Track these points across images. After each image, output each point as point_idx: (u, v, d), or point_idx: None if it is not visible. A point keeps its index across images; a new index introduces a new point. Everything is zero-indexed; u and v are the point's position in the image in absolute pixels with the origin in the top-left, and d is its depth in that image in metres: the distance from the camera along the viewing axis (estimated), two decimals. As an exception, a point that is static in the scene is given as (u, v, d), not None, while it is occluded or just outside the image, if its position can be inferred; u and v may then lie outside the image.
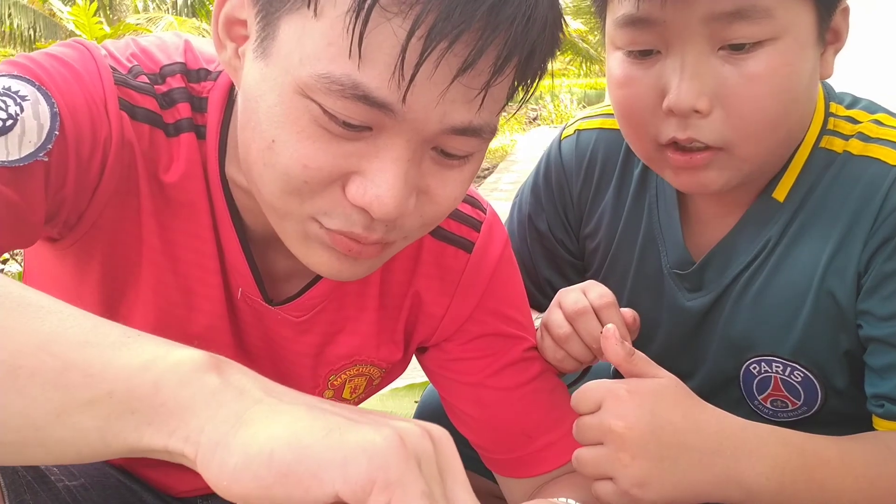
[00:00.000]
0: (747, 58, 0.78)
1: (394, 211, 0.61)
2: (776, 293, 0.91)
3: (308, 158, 0.60)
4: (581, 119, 1.12)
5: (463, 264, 0.85)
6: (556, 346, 0.88)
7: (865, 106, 0.93)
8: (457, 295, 0.86)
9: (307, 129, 0.60)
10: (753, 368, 0.96)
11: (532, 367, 0.90)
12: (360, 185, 0.61)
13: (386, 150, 0.60)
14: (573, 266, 1.13)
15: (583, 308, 0.87)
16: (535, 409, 0.89)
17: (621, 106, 0.88)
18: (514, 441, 0.89)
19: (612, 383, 0.76)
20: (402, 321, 0.87)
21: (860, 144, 0.88)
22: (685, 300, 0.99)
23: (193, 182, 0.72)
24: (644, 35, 0.82)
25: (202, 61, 0.75)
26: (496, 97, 0.63)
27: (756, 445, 0.76)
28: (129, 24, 14.07)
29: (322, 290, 0.81)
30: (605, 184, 1.06)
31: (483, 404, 0.89)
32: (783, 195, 0.91)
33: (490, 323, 0.88)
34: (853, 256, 0.86)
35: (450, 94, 0.58)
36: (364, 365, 0.87)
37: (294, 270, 0.80)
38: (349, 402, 0.92)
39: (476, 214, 0.87)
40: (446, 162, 0.65)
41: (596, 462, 0.75)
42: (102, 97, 0.67)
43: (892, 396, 0.84)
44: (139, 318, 0.76)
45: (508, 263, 0.90)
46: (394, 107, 0.58)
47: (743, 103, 0.80)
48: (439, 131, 0.61)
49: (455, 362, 0.89)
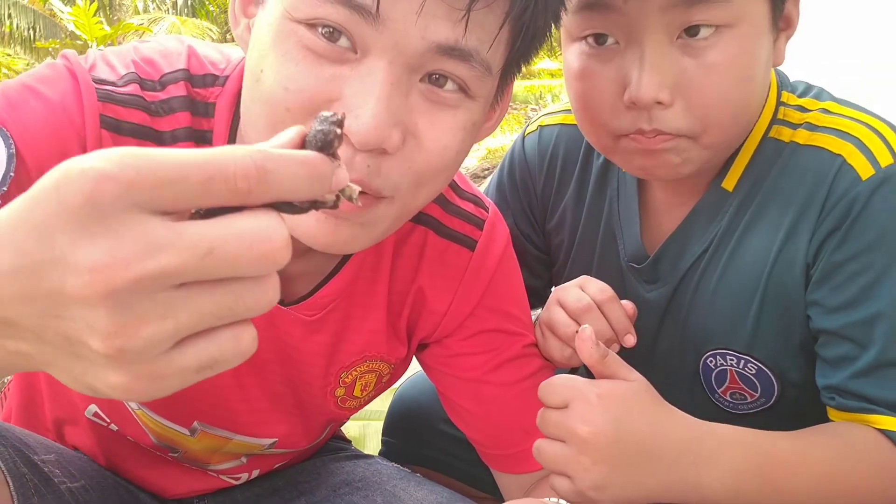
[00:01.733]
0: (706, 47, 0.79)
1: (374, 132, 0.58)
2: (729, 285, 0.92)
3: (289, 80, 0.60)
4: (544, 115, 1.13)
5: (466, 262, 0.86)
6: (564, 344, 0.89)
7: (816, 94, 0.93)
8: (459, 292, 0.86)
9: (291, 52, 0.60)
10: (710, 362, 0.97)
11: (531, 364, 0.91)
12: (339, 108, 0.60)
13: (369, 73, 0.60)
14: (540, 261, 1.14)
15: (587, 305, 0.87)
16: (534, 404, 0.89)
17: (580, 99, 0.88)
18: (512, 437, 0.90)
19: (583, 384, 0.76)
20: (405, 317, 0.87)
21: (807, 134, 0.88)
22: (645, 292, 0.99)
23: None
24: (600, 21, 0.82)
25: (208, 66, 0.75)
26: (485, 26, 0.62)
27: (716, 451, 0.76)
28: (130, 25, 14.08)
29: (334, 288, 0.81)
30: (566, 179, 1.07)
31: (481, 400, 0.90)
32: (732, 185, 0.91)
33: (491, 319, 0.88)
34: (801, 247, 0.86)
35: (430, 8, 0.59)
36: (374, 361, 0.88)
37: (305, 270, 0.80)
38: (360, 400, 0.93)
39: (479, 213, 0.88)
40: (437, 96, 0.63)
41: (556, 459, 0.76)
42: (79, 123, 0.67)
43: (842, 388, 0.84)
44: None
45: (510, 261, 0.91)
46: (370, 8, 0.58)
47: (704, 93, 0.80)
48: (423, 49, 0.60)
49: (454, 358, 0.90)
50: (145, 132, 0.70)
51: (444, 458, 1.17)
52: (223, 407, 0.86)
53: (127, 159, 0.34)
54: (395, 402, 1.29)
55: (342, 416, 0.96)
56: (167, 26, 14.17)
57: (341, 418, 0.99)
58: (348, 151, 0.60)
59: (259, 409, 0.87)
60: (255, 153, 0.36)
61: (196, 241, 0.34)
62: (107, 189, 0.33)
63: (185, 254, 0.34)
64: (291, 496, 1.02)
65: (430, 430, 1.19)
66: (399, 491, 0.99)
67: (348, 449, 1.14)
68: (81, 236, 0.34)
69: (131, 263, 0.34)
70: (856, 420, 0.84)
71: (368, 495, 0.99)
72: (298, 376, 0.86)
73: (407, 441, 1.23)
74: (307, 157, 0.38)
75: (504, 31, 0.63)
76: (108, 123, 0.69)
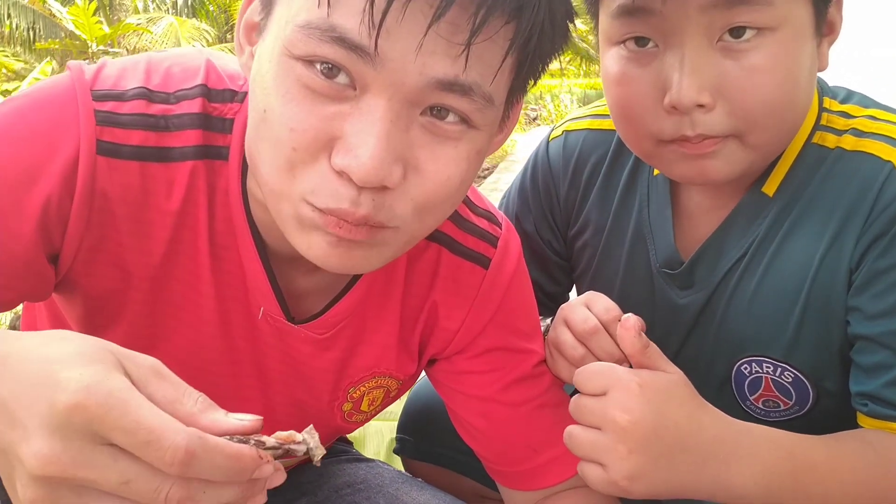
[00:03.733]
0: (747, 49, 0.77)
1: (372, 172, 0.58)
2: (768, 292, 0.91)
3: (294, 121, 0.60)
4: (569, 120, 1.11)
5: (479, 280, 0.85)
6: (571, 366, 0.87)
7: (859, 100, 0.92)
8: (472, 310, 0.85)
9: (292, 91, 0.60)
10: (744, 369, 0.95)
11: (541, 383, 0.90)
12: (341, 147, 0.60)
13: (368, 111, 0.59)
14: (560, 267, 1.13)
15: (594, 327, 0.86)
16: (542, 423, 0.89)
17: (620, 104, 0.87)
18: (520, 454, 0.89)
19: (624, 372, 0.75)
20: (418, 334, 0.87)
21: (853, 140, 0.87)
22: (678, 298, 0.98)
23: (192, 206, 0.72)
24: (640, 25, 0.80)
25: (226, 80, 0.74)
26: (486, 60, 0.61)
27: (749, 451, 0.76)
28: (130, 25, 14.07)
29: (346, 307, 0.80)
30: (591, 185, 1.06)
31: (490, 418, 0.89)
32: (772, 190, 0.90)
33: (501, 337, 0.87)
34: (846, 253, 0.85)
35: (429, 45, 0.58)
36: (383, 377, 0.87)
37: (315, 288, 0.80)
38: (367, 415, 0.92)
39: (492, 230, 0.87)
40: (438, 129, 0.62)
41: (590, 446, 0.75)
42: (71, 153, 0.67)
43: (877, 396, 0.84)
44: None
45: (522, 276, 0.90)
46: (368, 49, 0.57)
47: (746, 95, 0.79)
48: (422, 85, 0.59)
49: (464, 375, 0.89)
50: (148, 153, 0.70)
51: (459, 456, 1.16)
52: None
53: (109, 399, 0.45)
54: (411, 401, 1.28)
55: (348, 429, 0.96)
56: (165, 25, 14.15)
57: (347, 431, 0.98)
58: (352, 189, 0.60)
59: None
60: (193, 438, 0.45)
61: (120, 471, 0.45)
62: (80, 415, 0.44)
63: (110, 478, 0.45)
64: (293, 497, 1.02)
65: (445, 428, 1.17)
66: (401, 494, 0.99)
67: (350, 452, 1.14)
68: (47, 427, 0.45)
69: (67, 467, 0.45)
70: (887, 428, 0.83)
71: (371, 497, 0.99)
72: (305, 391, 0.86)
73: (422, 439, 1.23)
74: (236, 452, 0.47)
75: (508, 61, 0.62)
76: (106, 149, 0.68)
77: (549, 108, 18.05)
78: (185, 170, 0.71)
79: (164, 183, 0.71)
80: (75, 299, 0.74)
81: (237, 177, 0.73)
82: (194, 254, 0.74)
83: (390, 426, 1.71)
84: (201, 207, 0.72)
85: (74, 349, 0.48)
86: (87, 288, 0.73)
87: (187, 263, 0.74)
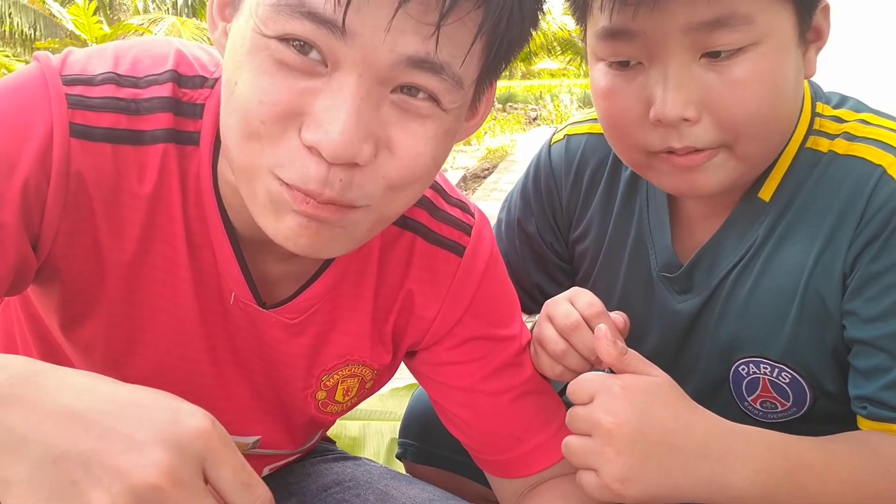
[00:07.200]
0: (730, 64, 0.79)
1: (342, 147, 0.59)
2: (764, 294, 0.92)
3: (263, 93, 0.61)
4: (571, 124, 1.13)
5: (454, 268, 0.86)
6: (554, 361, 0.89)
7: (852, 105, 0.93)
8: (447, 299, 0.86)
9: (264, 65, 0.61)
10: (742, 370, 0.96)
11: (522, 371, 0.90)
12: (311, 122, 0.60)
13: (339, 88, 0.60)
14: (562, 269, 1.14)
15: (575, 322, 0.87)
16: (525, 411, 0.89)
17: (607, 117, 0.88)
18: (505, 443, 0.90)
19: (607, 378, 0.77)
20: (391, 323, 0.87)
21: (845, 144, 0.88)
22: (675, 303, 0.99)
23: (165, 190, 0.73)
24: (624, 47, 0.82)
25: (196, 67, 0.75)
26: (457, 41, 0.61)
27: (743, 450, 0.76)
28: (130, 25, 14.08)
29: (317, 291, 0.81)
30: (594, 188, 1.07)
31: (474, 408, 0.90)
32: (769, 195, 0.91)
33: (479, 326, 0.88)
34: (839, 256, 0.86)
35: (399, 24, 0.58)
36: (356, 365, 0.88)
37: (287, 273, 0.80)
38: (342, 406, 0.93)
39: (466, 218, 0.88)
40: (409, 106, 0.63)
41: (582, 452, 0.76)
42: (45, 135, 0.67)
43: (875, 399, 0.84)
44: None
45: (497, 265, 0.90)
46: (337, 23, 0.58)
47: (730, 109, 0.80)
48: (393, 62, 0.60)
49: (444, 366, 0.90)
50: (120, 135, 0.70)
51: (462, 459, 1.16)
52: (207, 405, 0.85)
53: (226, 436, 0.51)
54: (413, 404, 1.28)
55: (325, 420, 0.95)
56: (167, 26, 14.17)
57: (325, 422, 0.98)
58: (322, 166, 0.61)
59: (241, 407, 0.87)
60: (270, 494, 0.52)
61: None
62: (203, 441, 0.49)
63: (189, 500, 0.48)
64: (282, 497, 1.02)
65: (447, 431, 1.19)
66: (391, 489, 0.99)
67: (335, 451, 1.14)
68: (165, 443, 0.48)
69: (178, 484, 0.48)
70: (886, 430, 0.84)
71: (360, 493, 1.00)
72: (279, 377, 0.86)
73: (424, 442, 1.23)
74: None
75: (478, 45, 0.63)
76: (79, 131, 0.68)
77: (548, 109, 18.06)
78: (157, 153, 0.71)
79: (136, 166, 0.71)
80: (52, 287, 0.74)
81: (208, 162, 0.73)
82: (171, 239, 0.74)
83: (390, 426, 1.71)
84: (175, 192, 0.73)
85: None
86: (65, 273, 0.73)
87: (164, 249, 0.74)
